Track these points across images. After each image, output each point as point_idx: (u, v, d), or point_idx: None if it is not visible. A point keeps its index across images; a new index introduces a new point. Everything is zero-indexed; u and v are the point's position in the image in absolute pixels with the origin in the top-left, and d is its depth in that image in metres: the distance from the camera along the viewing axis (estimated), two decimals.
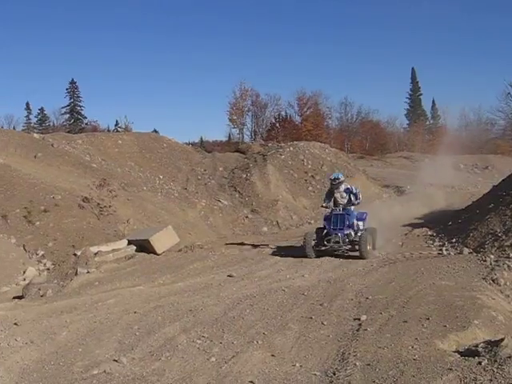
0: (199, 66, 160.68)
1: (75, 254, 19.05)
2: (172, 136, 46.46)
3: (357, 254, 17.81)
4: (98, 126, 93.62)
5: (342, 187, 19.06)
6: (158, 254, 19.07)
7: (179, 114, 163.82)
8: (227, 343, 9.38)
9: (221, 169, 38.91)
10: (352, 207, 18.74)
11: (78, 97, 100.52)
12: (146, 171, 36.33)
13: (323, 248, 18.25)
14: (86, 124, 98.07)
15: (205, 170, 38.60)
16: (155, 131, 65.34)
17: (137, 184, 32.62)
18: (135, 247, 19.57)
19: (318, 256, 17.98)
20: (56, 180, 27.65)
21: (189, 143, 67.40)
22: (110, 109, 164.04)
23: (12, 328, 10.76)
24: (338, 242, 18.13)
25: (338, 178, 19.08)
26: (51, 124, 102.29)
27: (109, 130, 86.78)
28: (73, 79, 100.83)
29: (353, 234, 18.36)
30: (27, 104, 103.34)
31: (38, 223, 22.93)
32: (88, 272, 16.78)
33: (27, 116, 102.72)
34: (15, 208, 23.72)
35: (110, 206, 24.72)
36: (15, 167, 27.48)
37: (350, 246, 18.27)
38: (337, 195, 19.06)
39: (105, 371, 8.23)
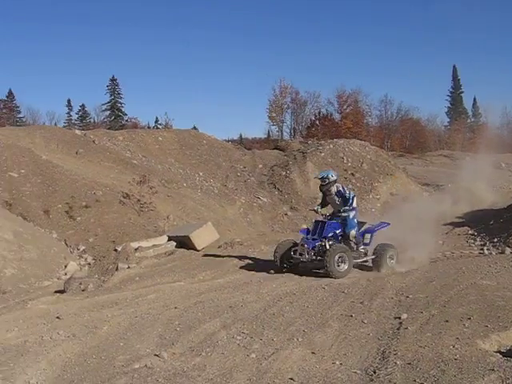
0: (239, 62, 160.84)
1: (116, 250, 19.22)
2: (211, 133, 46.72)
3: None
4: (138, 123, 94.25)
5: (334, 189, 16.07)
6: (197, 250, 19.15)
7: (219, 111, 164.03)
8: (267, 340, 9.37)
9: (260, 166, 38.93)
10: (351, 215, 15.72)
11: (119, 94, 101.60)
12: (186, 168, 36.49)
13: (292, 261, 15.74)
14: (127, 121, 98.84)
15: (244, 167, 38.66)
16: (195, 128, 65.46)
17: (177, 180, 32.79)
18: (175, 243, 19.67)
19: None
20: (97, 176, 27.94)
21: (228, 140, 67.42)
22: (149, 106, 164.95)
23: (54, 322, 10.90)
24: (301, 255, 15.39)
25: (326, 178, 16.16)
26: (92, 121, 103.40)
27: (149, 127, 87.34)
28: (113, 76, 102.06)
29: (327, 246, 15.15)
30: (68, 101, 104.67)
31: (79, 218, 23.19)
32: (128, 267, 16.93)
33: (68, 113, 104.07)
34: (57, 203, 24.03)
35: (150, 203, 24.89)
36: (57, 163, 27.79)
37: (316, 261, 15.49)
38: (329, 198, 16.35)
39: (146, 365, 8.29)
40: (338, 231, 15.77)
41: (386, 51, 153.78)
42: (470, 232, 22.06)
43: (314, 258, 15.47)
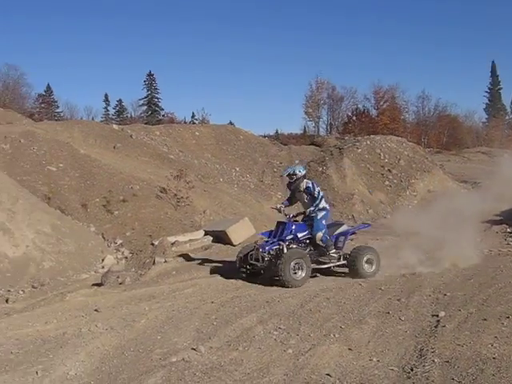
0: (276, 58, 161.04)
1: (153, 244, 19.32)
2: (247, 128, 46.80)
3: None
4: (175, 118, 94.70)
5: (303, 185, 14.39)
6: (234, 245, 19.14)
7: (255, 107, 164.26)
8: (304, 335, 9.37)
9: (297, 161, 38.91)
10: (319, 215, 14.16)
11: (156, 89, 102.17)
12: (222, 163, 36.66)
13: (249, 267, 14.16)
14: (163, 116, 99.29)
15: (281, 163, 38.71)
16: (231, 123, 65.75)
17: (213, 176, 32.96)
18: (212, 238, 19.71)
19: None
20: (134, 170, 28.16)
21: (264, 136, 67.44)
22: (186, 101, 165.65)
23: (93, 314, 11.02)
24: (257, 260, 13.83)
25: (293, 174, 14.55)
26: (129, 115, 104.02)
27: (185, 122, 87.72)
28: (150, 71, 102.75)
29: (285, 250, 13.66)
30: (106, 96, 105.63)
31: (116, 212, 23.40)
32: (165, 261, 16.99)
33: (106, 107, 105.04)
34: (95, 197, 24.29)
35: (186, 197, 25.02)
36: (95, 157, 28.08)
37: (273, 268, 13.60)
38: (298, 195, 14.72)
39: (183, 359, 8.33)
40: (301, 234, 14.19)
41: (423, 47, 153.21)
42: (508, 230, 21.86)
43: (269, 264, 13.72)
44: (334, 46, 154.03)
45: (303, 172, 14.73)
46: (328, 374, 7.60)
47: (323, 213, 14.35)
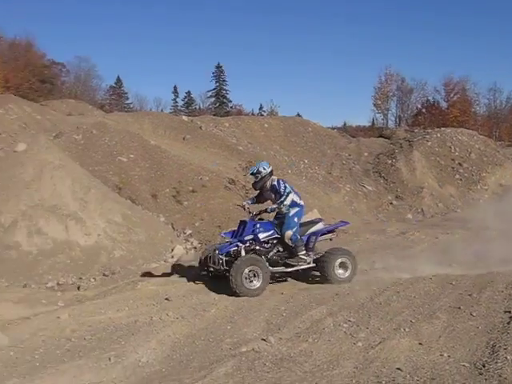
0: (345, 50, 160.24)
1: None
2: (315, 120, 46.61)
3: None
4: (243, 110, 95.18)
5: (269, 183, 13.15)
6: None
7: (322, 99, 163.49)
8: (374, 329, 9.31)
9: (366, 154, 38.71)
10: (291, 212, 12.91)
11: (224, 81, 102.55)
12: (290, 155, 36.69)
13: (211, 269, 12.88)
14: (231, 107, 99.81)
15: (349, 155, 38.53)
16: (298, 115, 65.60)
17: (282, 167, 32.97)
18: None
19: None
20: (203, 162, 28.39)
21: (332, 128, 67.11)
22: (253, 93, 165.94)
23: (163, 303, 11.19)
24: (214, 263, 12.62)
25: (257, 172, 13.07)
26: (197, 107, 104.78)
27: (253, 114, 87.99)
28: (219, 63, 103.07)
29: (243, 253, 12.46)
30: (175, 87, 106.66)
31: (185, 203, 23.64)
32: None
33: (174, 99, 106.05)
34: (164, 188, 24.58)
35: None
36: (165, 148, 28.41)
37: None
38: (267, 194, 13.39)
39: (253, 349, 8.37)
40: (265, 234, 12.88)
41: (494, 40, 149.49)
42: None
43: (228, 267, 12.32)
44: (404, 39, 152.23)
45: (268, 169, 13.14)
46: (398, 369, 7.53)
47: (296, 209, 13.05)
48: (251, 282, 11.92)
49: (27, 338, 9.58)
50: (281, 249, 13.06)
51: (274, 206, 12.86)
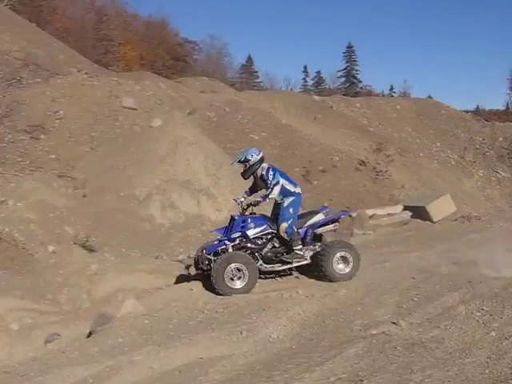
0: (479, 35, 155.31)
1: (350, 216, 19.36)
2: (447, 103, 45.55)
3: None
4: (373, 91, 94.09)
5: (259, 172, 11.93)
6: (433, 222, 18.82)
7: (454, 81, 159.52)
8: (508, 319, 8.98)
9: (500, 139, 37.49)
10: (286, 202, 11.80)
11: (355, 61, 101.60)
12: (422, 137, 36.07)
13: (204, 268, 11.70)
14: (361, 88, 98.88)
15: (483, 140, 37.45)
16: (429, 97, 64.26)
17: (413, 150, 32.53)
18: (410, 213, 19.45)
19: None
20: (334, 142, 28.34)
21: (465, 111, 65.40)
22: (384, 74, 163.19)
23: (293, 280, 11.31)
24: (203, 262, 11.60)
25: (246, 160, 11.80)
26: (327, 87, 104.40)
27: (383, 95, 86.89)
28: (350, 43, 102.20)
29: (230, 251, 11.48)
30: (305, 67, 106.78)
31: (315, 182, 23.70)
32: (364, 234, 17.02)
33: (304, 79, 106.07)
34: (295, 167, 24.68)
35: (385, 171, 24.92)
36: (296, 127, 28.53)
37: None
38: (260, 184, 12.14)
39: (383, 332, 8.27)
40: (254, 230, 11.79)
41: None
42: None
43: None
44: None
45: (258, 156, 11.82)
46: None
47: (290, 199, 11.86)
48: (233, 280, 10.96)
49: (161, 307, 9.91)
50: (276, 244, 11.98)
51: (259, 198, 11.73)
